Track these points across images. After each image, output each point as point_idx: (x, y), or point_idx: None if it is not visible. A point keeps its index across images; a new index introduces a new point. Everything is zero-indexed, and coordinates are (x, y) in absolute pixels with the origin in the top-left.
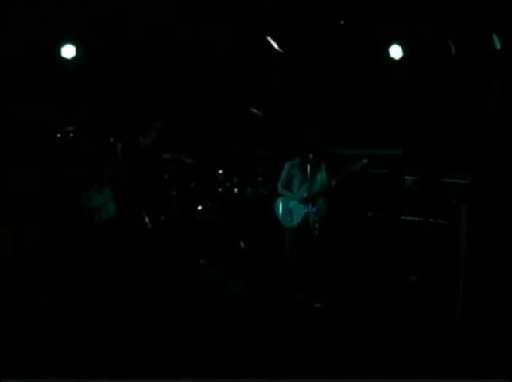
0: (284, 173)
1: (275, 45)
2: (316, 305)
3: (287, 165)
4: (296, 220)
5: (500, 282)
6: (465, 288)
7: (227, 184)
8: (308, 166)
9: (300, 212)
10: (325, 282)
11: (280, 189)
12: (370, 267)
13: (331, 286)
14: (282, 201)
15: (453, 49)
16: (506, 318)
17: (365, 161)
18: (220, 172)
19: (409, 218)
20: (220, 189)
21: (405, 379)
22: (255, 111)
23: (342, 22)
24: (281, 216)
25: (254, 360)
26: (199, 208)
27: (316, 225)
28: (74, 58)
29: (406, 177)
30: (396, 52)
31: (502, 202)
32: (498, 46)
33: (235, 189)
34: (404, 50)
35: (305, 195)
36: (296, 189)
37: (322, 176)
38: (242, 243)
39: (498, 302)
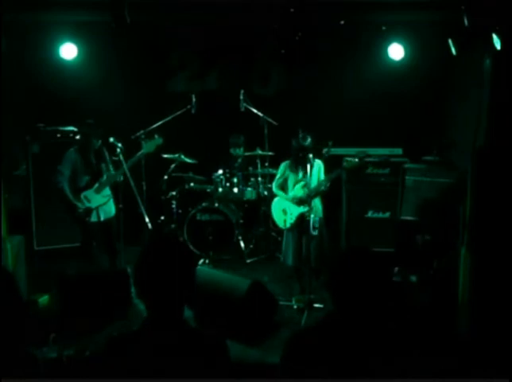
0: (279, 173)
1: (453, 49)
2: (316, 305)
3: (282, 165)
4: (290, 220)
5: (500, 282)
6: (466, 288)
7: (227, 184)
8: (304, 166)
9: (293, 212)
10: (324, 281)
11: (274, 188)
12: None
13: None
14: (277, 201)
15: (454, 50)
16: (506, 318)
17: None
18: (220, 172)
19: (409, 218)
20: (220, 189)
21: (405, 379)
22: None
23: (342, 22)
24: (275, 215)
25: (253, 359)
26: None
27: (316, 225)
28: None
29: None
30: (396, 52)
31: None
32: (498, 46)
33: (235, 189)
34: (404, 50)
35: (299, 195)
36: (291, 188)
37: (320, 175)
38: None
39: (498, 302)
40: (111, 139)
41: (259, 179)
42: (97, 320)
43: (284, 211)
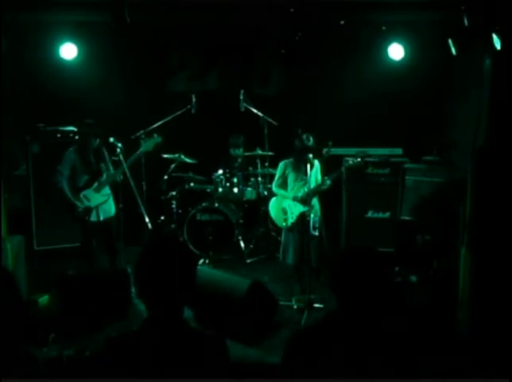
0: (278, 173)
1: (453, 49)
2: (316, 305)
3: (281, 164)
4: (291, 219)
5: (500, 282)
6: (466, 288)
7: (227, 184)
8: (305, 165)
9: (294, 211)
10: (324, 281)
11: (275, 188)
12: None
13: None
14: (276, 200)
15: (454, 50)
16: (506, 318)
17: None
18: (220, 172)
19: (409, 218)
20: (220, 189)
21: (405, 379)
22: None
23: (342, 22)
24: (274, 215)
25: (253, 359)
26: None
27: (317, 225)
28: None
29: None
30: (396, 52)
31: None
32: (498, 46)
33: (235, 189)
34: (404, 50)
35: (300, 194)
36: (291, 188)
37: (317, 175)
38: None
39: (498, 302)
40: (111, 139)
41: (259, 179)
42: (97, 320)
43: (283, 210)
